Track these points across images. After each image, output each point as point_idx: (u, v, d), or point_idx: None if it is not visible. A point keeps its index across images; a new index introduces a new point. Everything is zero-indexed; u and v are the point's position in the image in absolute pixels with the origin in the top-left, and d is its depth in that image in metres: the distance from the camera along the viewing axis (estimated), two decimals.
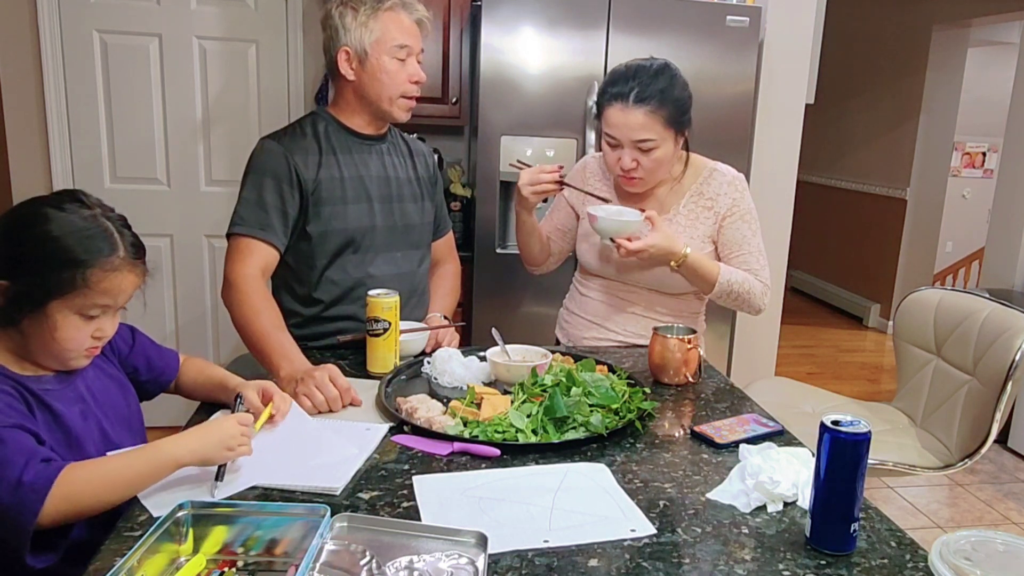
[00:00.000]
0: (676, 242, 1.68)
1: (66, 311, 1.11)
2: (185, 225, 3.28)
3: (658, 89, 1.66)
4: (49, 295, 1.09)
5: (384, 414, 1.38)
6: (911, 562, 0.99)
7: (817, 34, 3.19)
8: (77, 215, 1.12)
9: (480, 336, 2.73)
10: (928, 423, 2.22)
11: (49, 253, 1.09)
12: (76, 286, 1.10)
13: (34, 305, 1.10)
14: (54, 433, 1.13)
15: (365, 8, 1.66)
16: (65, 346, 1.13)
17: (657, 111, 1.66)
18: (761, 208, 1.92)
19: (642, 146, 1.68)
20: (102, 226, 1.13)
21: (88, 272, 1.10)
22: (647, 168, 1.71)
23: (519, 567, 0.94)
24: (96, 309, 1.13)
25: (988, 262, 4.14)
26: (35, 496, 0.97)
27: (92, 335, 1.15)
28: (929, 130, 5.43)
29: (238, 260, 1.62)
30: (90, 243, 1.11)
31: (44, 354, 1.14)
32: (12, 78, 3.03)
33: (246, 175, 1.69)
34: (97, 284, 1.11)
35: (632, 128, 1.67)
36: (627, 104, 1.66)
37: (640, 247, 1.63)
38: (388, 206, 1.80)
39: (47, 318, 1.10)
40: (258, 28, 3.19)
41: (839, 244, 6.33)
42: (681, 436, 1.36)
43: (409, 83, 1.72)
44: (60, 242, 1.09)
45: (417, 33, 1.72)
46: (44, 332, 1.11)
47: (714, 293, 1.76)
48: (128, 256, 1.15)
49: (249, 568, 0.94)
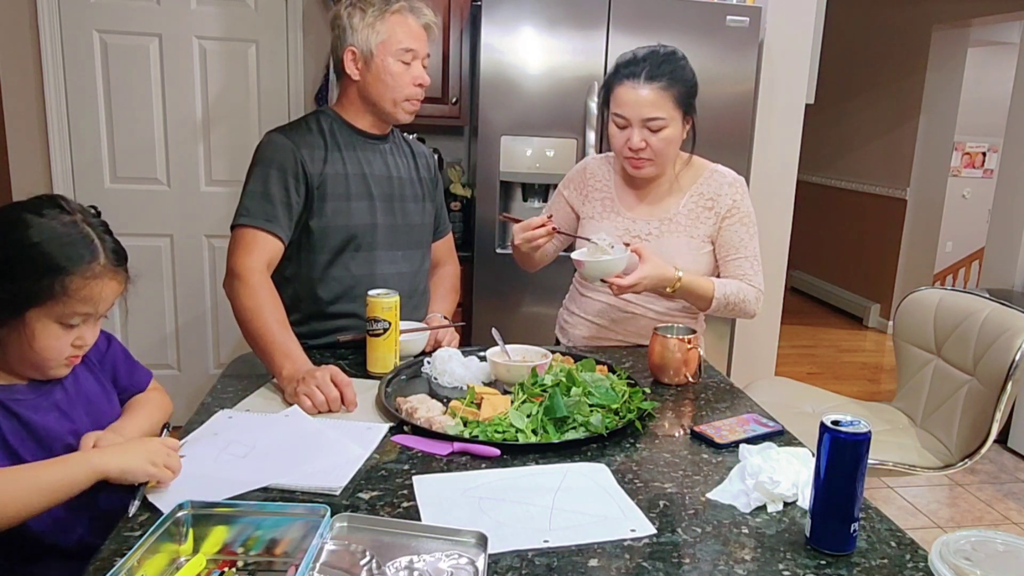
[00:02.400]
0: (667, 269, 1.68)
1: (45, 320, 1.08)
2: (185, 225, 3.28)
3: (669, 69, 1.68)
4: (27, 303, 1.06)
5: (384, 414, 1.38)
6: (911, 562, 0.99)
7: (817, 34, 3.19)
8: (57, 221, 1.09)
9: (480, 336, 2.73)
10: (928, 423, 2.22)
11: (27, 260, 1.06)
12: (55, 294, 1.07)
13: (11, 313, 1.07)
14: (25, 441, 1.10)
15: (373, 10, 1.67)
16: (44, 355, 1.10)
17: (668, 89, 1.67)
18: (761, 208, 1.92)
19: (651, 125, 1.69)
20: (82, 232, 1.10)
21: (68, 279, 1.07)
22: (655, 148, 1.71)
23: (519, 567, 0.94)
24: (76, 318, 1.10)
25: (988, 262, 4.14)
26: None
27: (72, 344, 1.12)
28: (929, 130, 5.43)
29: (243, 252, 1.62)
30: (70, 250, 1.08)
31: (22, 363, 1.11)
32: (12, 78, 3.03)
33: (252, 167, 1.69)
34: (77, 292, 1.08)
35: (643, 105, 1.67)
36: (638, 82, 1.67)
37: (633, 282, 1.62)
38: (390, 205, 1.80)
39: (25, 327, 1.07)
40: (258, 28, 3.19)
41: (839, 244, 6.33)
42: (681, 436, 1.36)
43: (413, 86, 1.72)
44: (39, 248, 1.06)
45: (424, 37, 1.73)
46: (22, 341, 1.08)
47: (711, 309, 1.77)
48: (109, 263, 1.12)
49: (249, 568, 0.94)
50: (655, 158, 1.73)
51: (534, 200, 2.97)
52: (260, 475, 1.12)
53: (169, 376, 3.35)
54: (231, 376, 1.56)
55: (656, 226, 1.82)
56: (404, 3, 1.70)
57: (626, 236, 1.82)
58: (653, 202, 1.84)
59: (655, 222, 1.82)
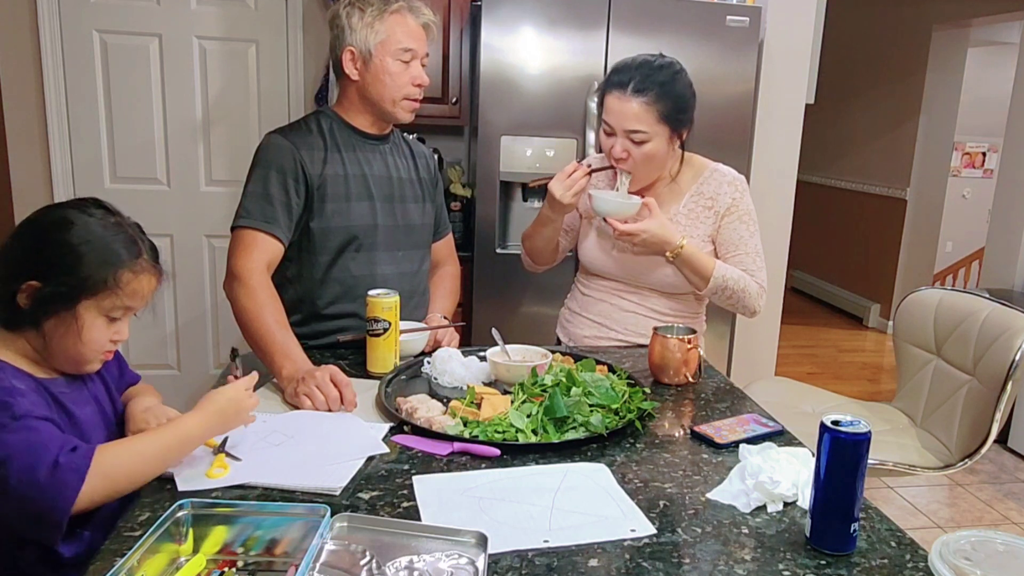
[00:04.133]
0: (672, 232, 1.69)
1: (95, 312, 1.14)
2: (185, 225, 3.28)
3: (658, 82, 1.66)
4: (81, 294, 1.12)
5: (384, 414, 1.38)
6: (911, 562, 0.99)
7: (817, 34, 3.19)
8: (104, 220, 1.17)
9: (480, 336, 2.73)
10: (928, 423, 2.22)
11: (84, 253, 1.12)
12: (108, 286, 1.13)
13: (65, 305, 1.12)
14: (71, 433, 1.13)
15: (372, 9, 1.67)
16: (90, 347, 1.15)
17: (653, 104, 1.66)
18: (761, 208, 1.92)
19: (633, 137, 1.68)
20: (126, 231, 1.18)
21: (120, 272, 1.14)
22: (637, 160, 1.71)
23: (519, 567, 0.94)
24: (120, 311, 1.17)
25: (988, 262, 4.14)
26: (75, 476, 0.99)
27: (111, 338, 1.18)
28: (929, 130, 5.43)
29: (243, 253, 1.62)
30: (120, 246, 1.16)
31: (63, 356, 1.16)
32: (12, 78, 3.03)
33: (252, 169, 1.69)
34: (126, 285, 1.15)
35: (626, 117, 1.67)
36: (624, 93, 1.66)
37: (634, 230, 1.65)
38: (390, 205, 1.80)
39: (75, 318, 1.13)
40: (258, 28, 3.19)
41: (839, 244, 6.33)
42: (681, 436, 1.36)
43: (412, 85, 1.72)
44: (94, 243, 1.13)
45: (423, 36, 1.73)
46: (70, 333, 1.13)
47: (708, 289, 1.76)
48: (150, 259, 1.20)
49: (249, 568, 0.94)
50: (635, 170, 1.73)
51: (534, 200, 2.97)
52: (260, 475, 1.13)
53: (169, 376, 3.35)
54: None
55: None
56: (403, 3, 1.69)
57: None
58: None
59: None
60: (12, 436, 1.00)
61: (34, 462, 0.98)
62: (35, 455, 0.98)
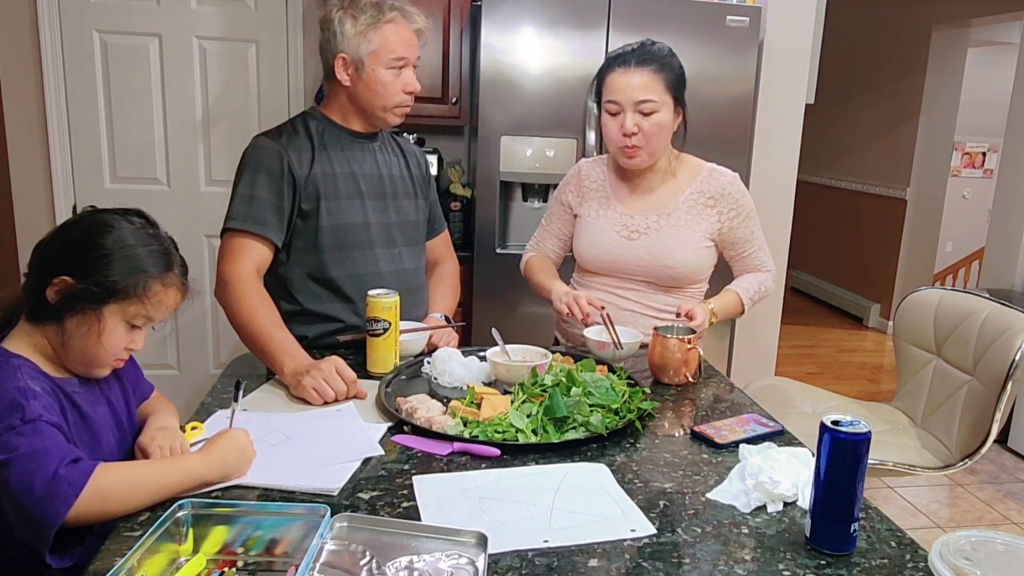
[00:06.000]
0: (704, 307, 1.74)
1: (118, 316, 1.15)
2: (185, 225, 3.26)
3: (659, 56, 1.73)
4: (110, 297, 1.13)
5: (384, 414, 1.38)
6: (911, 562, 0.99)
7: (817, 34, 3.19)
8: (143, 230, 1.19)
9: (480, 336, 2.73)
10: (928, 423, 2.22)
11: (121, 258, 1.14)
12: (136, 294, 1.15)
13: (94, 305, 1.13)
14: (82, 434, 1.15)
15: (365, 18, 1.65)
16: (106, 351, 1.16)
17: (658, 73, 1.72)
18: (761, 208, 1.95)
19: (643, 108, 1.71)
20: (162, 243, 1.21)
21: (150, 282, 1.16)
22: (648, 133, 1.73)
23: (519, 567, 0.94)
24: (142, 319, 1.18)
25: (988, 262, 4.14)
26: (70, 490, 0.98)
27: (126, 346, 1.19)
28: (929, 130, 5.43)
29: (232, 259, 1.62)
30: (156, 256, 1.18)
31: (78, 356, 1.16)
32: (12, 78, 3.03)
33: (240, 172, 1.69)
34: (154, 296, 1.17)
35: (634, 88, 1.70)
36: (629, 66, 1.71)
37: (699, 329, 1.68)
38: (382, 203, 1.80)
39: (99, 319, 1.14)
40: (258, 28, 3.19)
41: (839, 244, 6.33)
42: (681, 436, 1.36)
43: (403, 93, 1.72)
44: (132, 250, 1.15)
45: (415, 43, 1.72)
46: (91, 334, 1.14)
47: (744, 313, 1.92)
48: (179, 275, 1.22)
49: (249, 568, 0.94)
50: (646, 144, 1.75)
51: (534, 200, 2.97)
52: (260, 475, 1.13)
53: (169, 376, 3.35)
54: (231, 376, 1.56)
55: (655, 220, 1.82)
56: (396, 11, 1.68)
57: (624, 231, 1.83)
58: (649, 196, 1.85)
59: (653, 216, 1.83)
60: (20, 439, 1.00)
61: (35, 469, 0.98)
62: (37, 462, 0.99)
